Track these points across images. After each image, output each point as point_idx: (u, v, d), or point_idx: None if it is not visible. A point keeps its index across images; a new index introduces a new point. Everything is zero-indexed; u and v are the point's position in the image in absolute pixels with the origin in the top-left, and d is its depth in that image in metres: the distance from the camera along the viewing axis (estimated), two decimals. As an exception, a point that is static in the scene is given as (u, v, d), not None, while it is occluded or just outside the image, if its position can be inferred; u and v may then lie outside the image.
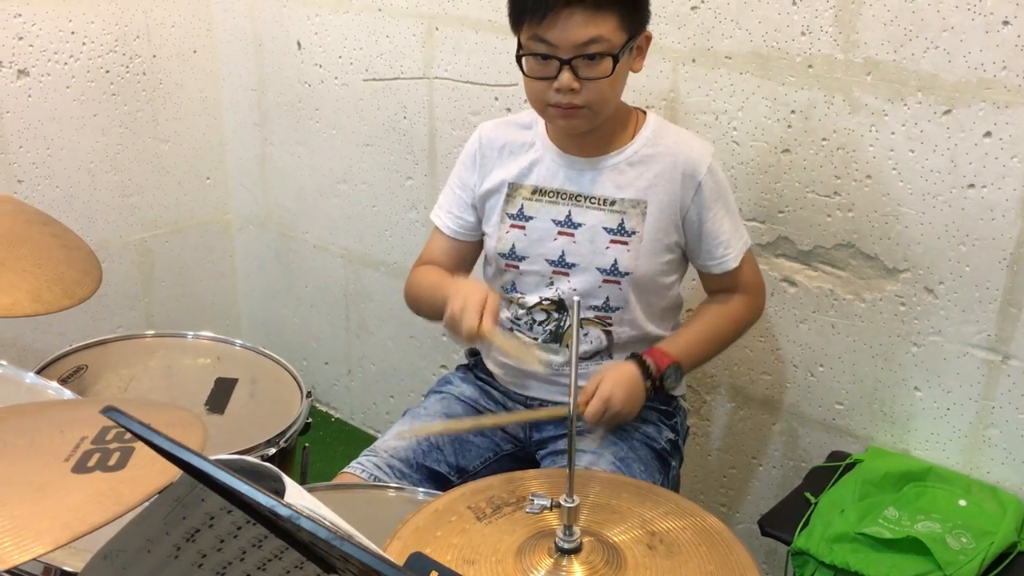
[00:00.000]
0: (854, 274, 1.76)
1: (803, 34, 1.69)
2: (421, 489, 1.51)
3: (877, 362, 1.78)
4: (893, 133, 1.64)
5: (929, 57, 1.57)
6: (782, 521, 1.63)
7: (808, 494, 1.68)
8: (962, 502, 1.60)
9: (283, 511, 0.61)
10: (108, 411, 0.67)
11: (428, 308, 1.63)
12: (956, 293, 1.65)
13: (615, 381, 1.51)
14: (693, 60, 1.84)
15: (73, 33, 2.44)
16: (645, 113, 1.59)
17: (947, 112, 1.58)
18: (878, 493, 1.64)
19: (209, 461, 0.65)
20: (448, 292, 1.49)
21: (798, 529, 1.59)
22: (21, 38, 2.35)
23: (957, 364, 1.68)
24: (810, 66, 1.70)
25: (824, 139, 1.72)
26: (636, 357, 1.56)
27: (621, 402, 1.50)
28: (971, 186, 1.59)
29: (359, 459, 1.60)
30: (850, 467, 1.72)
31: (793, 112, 1.74)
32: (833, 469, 1.74)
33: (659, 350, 1.57)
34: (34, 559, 0.78)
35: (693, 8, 1.81)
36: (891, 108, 1.63)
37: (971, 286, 1.63)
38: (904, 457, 1.75)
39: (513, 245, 1.61)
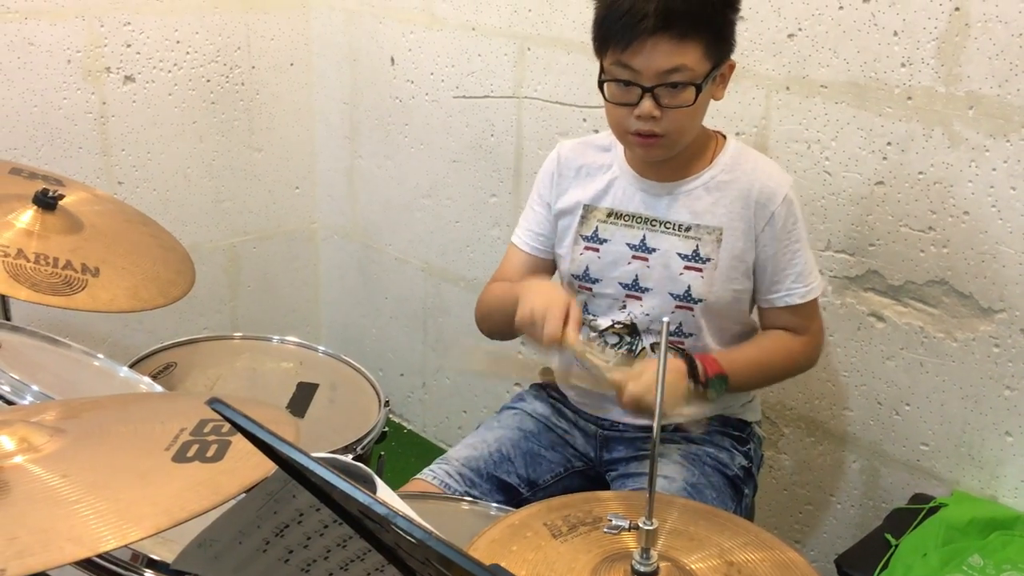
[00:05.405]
0: (946, 312, 1.71)
1: (903, 65, 1.66)
2: (494, 504, 1.51)
3: (967, 404, 1.72)
4: (994, 169, 1.60)
5: (1036, 93, 1.53)
6: (860, 561, 1.59)
7: (889, 535, 1.63)
8: (1052, 554, 1.54)
9: (379, 509, 0.62)
10: (213, 403, 0.69)
11: (500, 315, 1.59)
12: (1054, 337, 1.60)
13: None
14: (787, 88, 1.82)
15: (178, 43, 2.53)
16: (725, 137, 1.58)
17: (1053, 150, 1.53)
18: (963, 539, 1.59)
19: (309, 456, 0.66)
20: (522, 291, 1.47)
21: (877, 570, 1.55)
22: (129, 45, 2.45)
23: (1052, 410, 1.62)
24: (909, 98, 1.67)
25: (920, 173, 1.69)
26: (687, 356, 1.52)
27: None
28: (1075, 227, 1.54)
29: (431, 467, 1.61)
30: (934, 510, 1.67)
31: (889, 144, 1.71)
32: (916, 512, 1.69)
33: (711, 357, 1.53)
34: (132, 544, 0.81)
35: (790, 36, 1.80)
36: (993, 144, 1.59)
37: (1071, 330, 1.58)
38: (991, 503, 1.69)
39: (587, 267, 1.60)
